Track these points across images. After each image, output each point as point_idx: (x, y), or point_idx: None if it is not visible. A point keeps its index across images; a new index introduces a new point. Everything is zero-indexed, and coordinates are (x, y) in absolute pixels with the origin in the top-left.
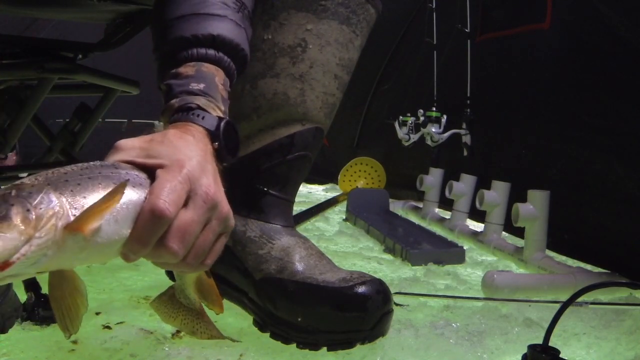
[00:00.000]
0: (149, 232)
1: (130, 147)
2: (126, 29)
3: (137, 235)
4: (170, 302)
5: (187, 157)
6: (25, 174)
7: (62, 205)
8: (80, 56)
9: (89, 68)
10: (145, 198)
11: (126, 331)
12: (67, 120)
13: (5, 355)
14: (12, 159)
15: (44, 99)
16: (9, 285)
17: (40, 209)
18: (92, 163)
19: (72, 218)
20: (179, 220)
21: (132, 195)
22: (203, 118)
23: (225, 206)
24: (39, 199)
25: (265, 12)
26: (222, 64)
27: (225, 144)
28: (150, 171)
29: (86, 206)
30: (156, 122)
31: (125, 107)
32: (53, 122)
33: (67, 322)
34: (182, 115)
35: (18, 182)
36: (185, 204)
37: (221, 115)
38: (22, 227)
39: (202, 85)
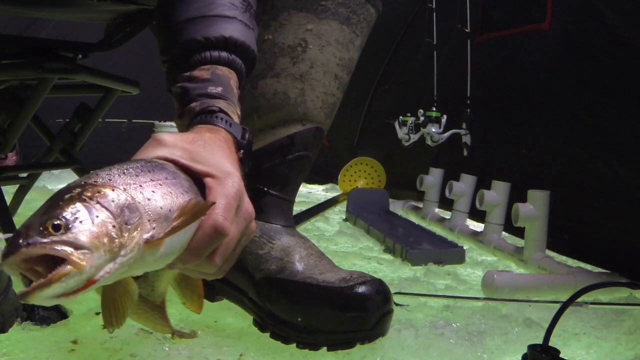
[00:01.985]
0: (206, 246)
1: (173, 144)
2: (126, 29)
3: (194, 248)
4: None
5: (232, 169)
6: (25, 174)
7: (141, 217)
8: (80, 56)
9: (89, 68)
10: None
11: (126, 331)
12: (67, 120)
13: (5, 355)
14: (12, 159)
15: (44, 99)
16: (9, 285)
17: (127, 224)
18: (143, 163)
19: (150, 231)
20: None
21: None
22: (230, 125)
23: (253, 222)
24: (124, 209)
25: (266, 12)
26: (235, 66)
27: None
28: (193, 174)
29: (161, 217)
30: (156, 122)
31: (125, 107)
32: (53, 122)
33: (112, 319)
34: (205, 117)
35: (91, 180)
36: None
37: (237, 119)
38: (109, 246)
39: (219, 89)
